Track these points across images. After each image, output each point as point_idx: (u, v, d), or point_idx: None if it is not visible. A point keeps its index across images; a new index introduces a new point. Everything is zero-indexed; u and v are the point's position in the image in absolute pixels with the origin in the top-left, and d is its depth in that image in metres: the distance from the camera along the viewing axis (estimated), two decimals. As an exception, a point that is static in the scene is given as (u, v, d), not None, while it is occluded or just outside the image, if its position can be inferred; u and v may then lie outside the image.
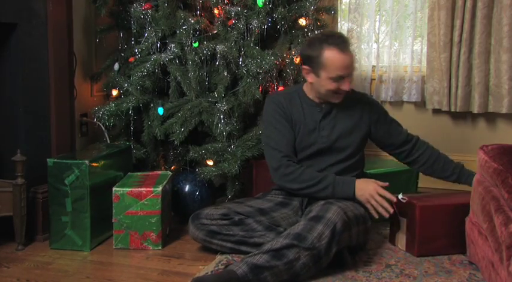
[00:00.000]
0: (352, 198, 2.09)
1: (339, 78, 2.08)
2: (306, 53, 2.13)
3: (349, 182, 2.10)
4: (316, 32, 2.77)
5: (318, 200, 2.09)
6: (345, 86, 2.09)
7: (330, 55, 2.06)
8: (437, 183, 3.24)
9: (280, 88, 2.60)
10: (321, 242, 1.83)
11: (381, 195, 2.06)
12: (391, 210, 2.06)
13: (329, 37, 2.10)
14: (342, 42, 2.08)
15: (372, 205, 2.06)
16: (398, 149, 2.33)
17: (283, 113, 2.20)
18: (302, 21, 2.72)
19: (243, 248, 2.11)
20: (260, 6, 2.55)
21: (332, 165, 2.19)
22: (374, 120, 2.26)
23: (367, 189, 2.08)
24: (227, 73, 2.57)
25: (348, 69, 2.09)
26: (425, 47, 3.16)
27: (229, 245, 2.11)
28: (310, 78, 2.14)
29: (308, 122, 2.19)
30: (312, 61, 2.10)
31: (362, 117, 2.24)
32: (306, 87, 2.24)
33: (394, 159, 2.99)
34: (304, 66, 2.14)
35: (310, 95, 2.22)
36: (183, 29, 2.58)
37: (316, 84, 2.14)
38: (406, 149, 2.32)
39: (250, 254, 1.85)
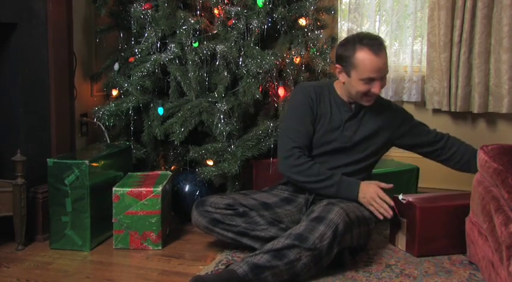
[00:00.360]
0: (355, 200, 2.09)
1: (369, 81, 2.06)
2: (339, 52, 2.12)
3: (353, 184, 2.11)
4: (316, 32, 2.78)
5: (322, 198, 2.10)
6: (376, 89, 2.07)
7: (362, 56, 2.03)
8: (437, 183, 3.25)
9: (280, 88, 2.61)
10: (323, 242, 1.83)
11: (381, 198, 2.07)
12: (390, 214, 2.07)
13: (364, 38, 2.08)
14: (376, 44, 2.05)
15: (374, 207, 2.07)
16: (428, 148, 2.31)
17: (309, 106, 2.18)
18: (302, 21, 2.72)
19: (244, 240, 2.10)
20: (260, 6, 2.55)
21: (346, 165, 2.18)
22: (397, 125, 2.26)
23: (368, 192, 2.08)
24: (227, 73, 2.57)
25: (380, 72, 2.06)
26: (425, 47, 3.16)
27: (230, 235, 2.11)
28: (342, 77, 2.13)
29: (334, 119, 2.19)
30: (344, 60, 2.09)
31: (387, 123, 2.23)
32: (336, 84, 2.23)
33: (395, 159, 3.00)
34: (337, 65, 2.14)
35: (340, 92, 2.21)
36: (183, 29, 2.58)
37: (347, 84, 2.13)
38: (438, 148, 2.30)
39: (251, 254, 1.85)
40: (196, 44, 2.58)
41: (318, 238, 1.82)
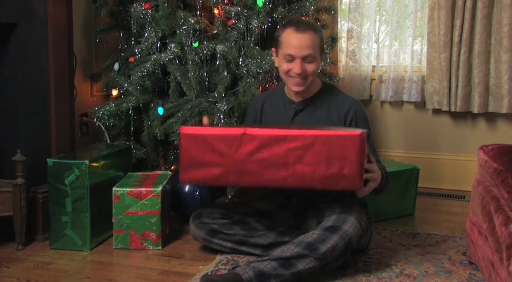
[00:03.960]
0: None
1: (291, 58, 2.02)
2: (274, 35, 2.14)
3: None
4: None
5: (316, 203, 2.07)
6: (296, 69, 2.02)
7: (286, 33, 2.04)
8: (437, 183, 3.25)
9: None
10: (333, 253, 1.81)
11: None
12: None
13: (293, 20, 2.12)
14: (302, 24, 2.04)
15: None
16: None
17: (252, 118, 2.25)
18: (302, 21, 2.72)
19: (243, 248, 2.11)
20: (260, 6, 2.55)
21: None
22: (344, 117, 2.12)
23: None
24: (227, 73, 2.57)
25: (300, 50, 2.00)
26: (425, 47, 3.16)
27: (229, 244, 2.11)
28: (276, 61, 2.15)
29: (281, 118, 2.17)
30: (275, 42, 2.11)
31: (336, 121, 2.12)
32: (286, 84, 2.20)
33: (395, 159, 3.00)
34: (272, 49, 2.16)
35: (287, 91, 2.19)
36: (183, 29, 2.58)
37: (278, 68, 2.13)
38: None
39: (258, 258, 1.83)
40: (196, 44, 2.58)
41: (329, 249, 1.79)
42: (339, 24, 3.35)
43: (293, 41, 2.01)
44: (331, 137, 1.81)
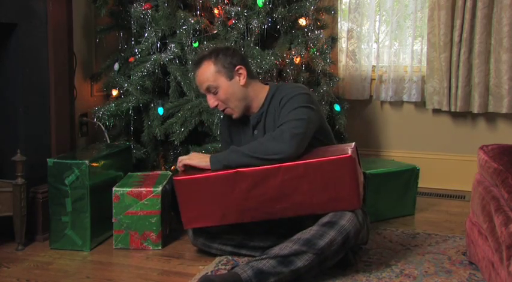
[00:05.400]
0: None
1: (205, 95, 2.08)
2: None
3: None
4: (316, 32, 2.78)
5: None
6: (209, 102, 2.05)
7: None
8: (437, 183, 3.25)
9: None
10: (331, 248, 1.80)
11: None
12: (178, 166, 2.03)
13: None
14: (194, 61, 2.10)
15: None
16: None
17: (224, 138, 2.23)
18: (302, 21, 2.72)
19: (243, 251, 2.11)
20: (260, 6, 2.55)
21: None
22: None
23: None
24: (227, 73, 2.57)
25: (201, 87, 2.06)
26: (426, 47, 3.16)
27: (229, 248, 2.12)
28: None
29: (246, 138, 2.12)
30: None
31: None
32: None
33: (395, 159, 3.00)
34: None
35: None
36: (183, 29, 2.58)
37: None
38: None
39: (256, 257, 1.83)
40: (196, 44, 2.58)
41: (327, 243, 1.79)
42: (339, 24, 3.35)
43: (196, 79, 2.08)
44: (323, 163, 1.83)
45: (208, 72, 2.02)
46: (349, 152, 1.83)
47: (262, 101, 2.08)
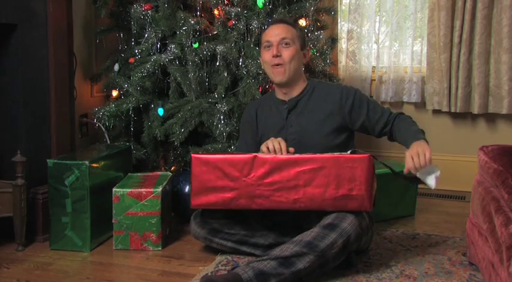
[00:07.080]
0: None
1: (268, 45, 2.14)
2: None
3: None
4: (316, 33, 2.78)
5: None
6: (273, 51, 2.11)
7: (265, 30, 2.21)
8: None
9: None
10: (332, 250, 1.81)
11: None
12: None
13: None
14: (276, 20, 2.24)
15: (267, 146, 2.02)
16: (379, 134, 2.23)
17: (249, 124, 2.29)
18: (302, 22, 2.72)
19: (244, 248, 2.11)
20: (260, 7, 2.55)
21: None
22: (348, 111, 2.14)
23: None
24: (227, 74, 2.57)
25: (275, 36, 2.13)
26: (425, 48, 3.16)
27: (230, 244, 2.12)
28: (261, 61, 2.24)
29: (276, 121, 2.20)
30: (260, 44, 2.25)
31: (333, 109, 2.14)
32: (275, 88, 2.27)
33: (395, 160, 3.00)
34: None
35: (277, 92, 2.24)
36: (183, 30, 2.58)
37: (263, 65, 2.23)
38: (386, 131, 2.22)
39: (257, 258, 1.83)
40: (196, 45, 2.58)
41: (328, 246, 1.80)
42: (339, 25, 3.35)
43: (269, 31, 2.17)
44: (340, 159, 1.89)
45: (291, 31, 2.16)
46: (368, 154, 1.91)
47: (302, 89, 2.20)
